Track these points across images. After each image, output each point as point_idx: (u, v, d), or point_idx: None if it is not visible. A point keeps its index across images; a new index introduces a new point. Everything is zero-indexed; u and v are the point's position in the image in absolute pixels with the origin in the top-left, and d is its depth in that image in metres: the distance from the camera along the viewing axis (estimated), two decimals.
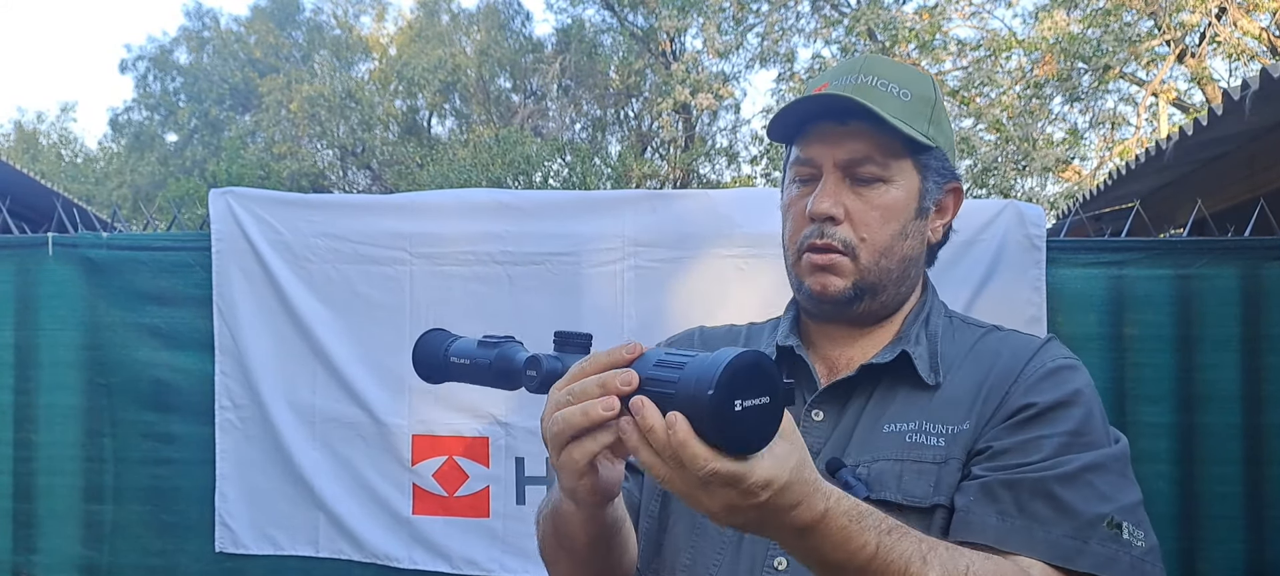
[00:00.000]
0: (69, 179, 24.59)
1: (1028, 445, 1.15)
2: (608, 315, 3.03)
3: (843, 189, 1.26)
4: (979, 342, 1.31)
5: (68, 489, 3.25)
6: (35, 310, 3.26)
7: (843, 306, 1.28)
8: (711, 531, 1.24)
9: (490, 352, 1.08)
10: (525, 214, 3.14)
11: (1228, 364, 2.98)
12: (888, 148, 1.26)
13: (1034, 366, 1.23)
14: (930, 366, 1.26)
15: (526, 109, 21.15)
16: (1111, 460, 1.18)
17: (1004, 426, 1.18)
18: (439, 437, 3.10)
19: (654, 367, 0.88)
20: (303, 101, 20.68)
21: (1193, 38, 11.65)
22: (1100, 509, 1.13)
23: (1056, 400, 1.18)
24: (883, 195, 1.27)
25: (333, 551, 3.13)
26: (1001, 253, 2.97)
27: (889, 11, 13.59)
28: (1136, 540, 1.13)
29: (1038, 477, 1.12)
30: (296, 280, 3.15)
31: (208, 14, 25.70)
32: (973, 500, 1.14)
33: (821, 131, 1.27)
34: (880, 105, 1.23)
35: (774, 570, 1.19)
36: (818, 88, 1.28)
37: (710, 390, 0.82)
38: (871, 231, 1.27)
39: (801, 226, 1.28)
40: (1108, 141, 13.84)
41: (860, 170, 1.26)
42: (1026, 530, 1.10)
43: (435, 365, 1.15)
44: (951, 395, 1.23)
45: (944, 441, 1.19)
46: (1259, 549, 2.97)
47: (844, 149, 1.26)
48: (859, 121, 1.25)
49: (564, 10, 19.95)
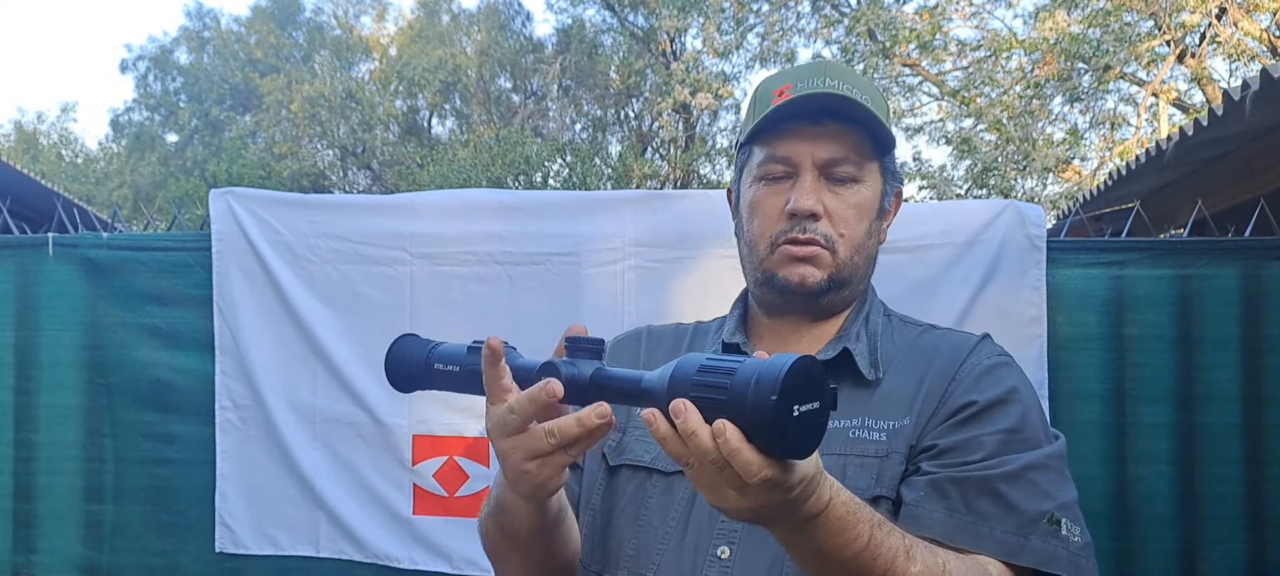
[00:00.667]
0: (69, 179, 24.61)
1: (970, 443, 1.19)
2: (608, 315, 3.02)
3: (821, 187, 1.30)
4: (917, 340, 1.36)
5: (68, 489, 3.24)
6: (35, 310, 3.26)
7: (814, 298, 1.32)
8: (655, 523, 1.27)
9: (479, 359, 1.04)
10: (525, 214, 3.14)
11: (1228, 364, 2.98)
12: (861, 148, 1.31)
13: (971, 364, 1.28)
14: (871, 362, 1.30)
15: (527, 109, 21.16)
16: (1051, 459, 1.22)
17: (946, 425, 1.22)
18: (439, 438, 3.10)
19: (698, 373, 0.87)
20: (303, 102, 20.69)
21: (1193, 38, 11.65)
22: (1042, 506, 1.17)
23: (995, 398, 1.23)
24: (856, 194, 1.31)
25: (333, 551, 3.13)
26: (1002, 253, 2.96)
27: (889, 11, 13.59)
28: (1074, 535, 1.19)
29: (984, 476, 1.17)
30: (297, 280, 3.15)
31: (208, 14, 25.77)
32: (922, 496, 1.18)
33: (797, 131, 1.30)
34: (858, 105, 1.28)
35: (717, 558, 1.22)
36: (777, 90, 1.31)
37: (774, 396, 0.81)
38: (849, 228, 1.31)
39: (775, 223, 1.31)
40: (1108, 142, 13.84)
41: (837, 169, 1.30)
42: (974, 526, 1.15)
43: (413, 372, 1.11)
44: (892, 391, 1.28)
45: (885, 436, 1.24)
46: (1259, 549, 2.97)
47: (824, 148, 1.29)
48: (833, 122, 1.29)
49: (564, 10, 19.99)
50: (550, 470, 1.01)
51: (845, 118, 1.28)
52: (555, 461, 1.00)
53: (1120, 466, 2.99)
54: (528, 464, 1.00)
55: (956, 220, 3.01)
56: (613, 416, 0.95)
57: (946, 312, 2.93)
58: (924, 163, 15.96)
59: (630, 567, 1.26)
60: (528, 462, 1.00)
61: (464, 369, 1.07)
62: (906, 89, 14.95)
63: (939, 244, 2.97)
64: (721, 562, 1.21)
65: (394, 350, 1.13)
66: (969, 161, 14.69)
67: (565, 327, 1.03)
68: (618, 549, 1.28)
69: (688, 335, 1.46)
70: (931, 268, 2.96)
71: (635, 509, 1.29)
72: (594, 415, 0.95)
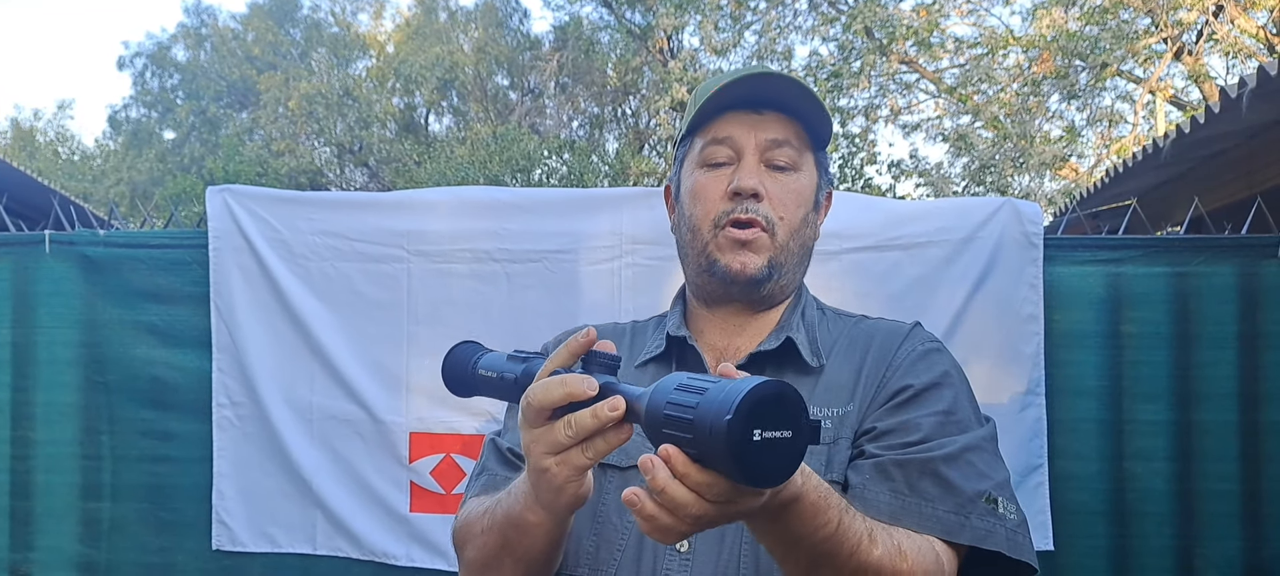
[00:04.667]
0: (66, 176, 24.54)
1: (908, 425, 1.25)
2: (605, 312, 3.02)
3: (762, 171, 1.34)
4: (852, 329, 1.40)
5: (65, 486, 3.24)
6: (32, 308, 3.25)
7: (754, 287, 1.35)
8: (613, 519, 1.29)
9: (518, 367, 1.06)
10: (523, 211, 3.14)
11: (1225, 361, 2.99)
12: (800, 137, 1.36)
13: (906, 350, 1.34)
14: (811, 350, 1.34)
15: (524, 106, 21.14)
16: (986, 441, 1.28)
17: (884, 408, 1.27)
18: (437, 435, 3.10)
19: (675, 392, 0.86)
20: (300, 99, 20.65)
21: (1190, 35, 11.67)
22: (980, 486, 1.22)
23: (929, 382, 1.29)
24: (795, 181, 1.36)
25: (331, 549, 3.13)
26: (999, 250, 2.97)
27: (887, 9, 13.58)
28: (1010, 513, 1.23)
29: (925, 458, 1.21)
30: (294, 278, 3.14)
31: (206, 11, 25.68)
32: (868, 478, 1.22)
33: (739, 117, 1.35)
34: (797, 95, 1.34)
35: (676, 552, 1.24)
36: (718, 88, 1.35)
37: (728, 416, 0.79)
38: (788, 211, 1.35)
39: (718, 204, 1.35)
40: (1105, 139, 13.85)
41: (778, 154, 1.35)
42: (917, 508, 1.19)
43: (464, 378, 1.13)
44: (834, 379, 1.32)
45: (831, 423, 1.28)
46: (1256, 546, 2.98)
47: (766, 131, 1.34)
48: (774, 110, 1.35)
49: (561, 8, 19.94)
50: (568, 470, 1.00)
51: (785, 107, 1.35)
52: (573, 461, 0.98)
53: (1117, 464, 3.00)
54: (547, 459, 1.00)
55: (953, 217, 3.01)
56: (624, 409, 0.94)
57: (944, 310, 2.94)
58: (921, 160, 15.98)
59: (591, 564, 1.27)
60: (547, 458, 1.00)
61: (501, 376, 1.08)
62: (904, 86, 14.95)
63: (936, 241, 2.97)
64: (681, 556, 1.23)
65: (449, 357, 1.15)
66: (966, 159, 14.70)
67: (562, 326, 1.03)
68: (577, 547, 1.28)
69: (627, 334, 1.50)
70: (929, 265, 2.96)
71: (592, 506, 1.28)
72: (608, 408, 0.93)
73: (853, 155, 15.19)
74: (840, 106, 14.53)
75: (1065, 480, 2.96)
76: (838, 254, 2.93)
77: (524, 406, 1.00)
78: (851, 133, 15.05)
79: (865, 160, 15.18)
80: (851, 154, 15.19)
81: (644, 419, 0.89)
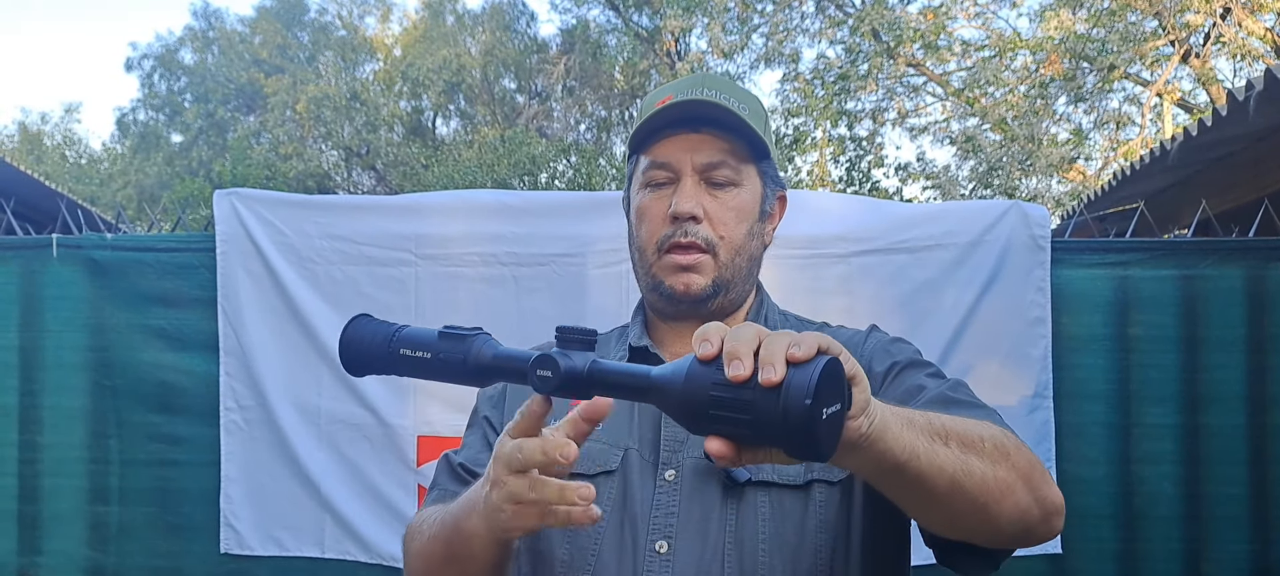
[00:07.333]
0: (73, 180, 24.63)
1: (912, 388, 1.25)
2: (612, 316, 3.02)
3: (701, 191, 1.35)
4: None
5: (73, 490, 3.25)
6: (40, 312, 3.26)
7: (700, 304, 1.35)
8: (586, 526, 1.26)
9: (458, 348, 1.00)
10: (530, 215, 3.14)
11: (1233, 364, 2.98)
12: (738, 153, 1.36)
13: (874, 341, 1.36)
14: None
15: (531, 110, 21.16)
16: None
17: (884, 385, 1.28)
18: (444, 439, 3.10)
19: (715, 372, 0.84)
20: (308, 102, 20.68)
21: (1197, 38, 11.64)
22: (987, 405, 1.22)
23: (910, 358, 1.32)
24: (736, 197, 1.36)
25: (338, 552, 3.14)
26: (1006, 253, 2.96)
27: (893, 12, 13.57)
28: None
29: (941, 394, 1.22)
30: (301, 281, 3.15)
31: (213, 14, 25.73)
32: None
33: (677, 138, 1.35)
34: (731, 113, 1.33)
35: (656, 553, 1.21)
36: (660, 101, 1.36)
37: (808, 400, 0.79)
38: (729, 230, 1.36)
39: (660, 227, 1.36)
40: (1112, 142, 13.84)
41: (716, 173, 1.35)
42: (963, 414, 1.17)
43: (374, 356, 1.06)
44: None
45: None
46: (1264, 549, 2.97)
47: (702, 153, 1.34)
48: (711, 129, 1.34)
49: (568, 11, 19.93)
50: (522, 523, 1.01)
51: (722, 125, 1.34)
52: (527, 518, 0.99)
53: (1125, 467, 3.00)
54: (506, 504, 1.00)
55: (961, 221, 3.01)
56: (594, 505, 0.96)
57: (951, 313, 2.93)
58: (928, 163, 15.96)
59: (566, 569, 1.25)
60: (507, 504, 1.00)
61: (436, 356, 1.02)
62: (911, 89, 14.94)
63: (943, 244, 2.97)
64: (660, 557, 1.21)
65: (350, 331, 1.08)
66: (973, 161, 14.68)
67: None
68: (549, 556, 1.26)
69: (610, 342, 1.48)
70: (936, 268, 2.96)
71: None
72: (578, 494, 0.95)
73: (860, 158, 15.18)
74: (847, 109, 14.53)
75: (1073, 483, 2.95)
76: (845, 257, 2.93)
77: (501, 445, 1.01)
78: (859, 136, 15.05)
79: (872, 163, 15.18)
80: (859, 157, 15.18)
81: (672, 399, 0.86)
